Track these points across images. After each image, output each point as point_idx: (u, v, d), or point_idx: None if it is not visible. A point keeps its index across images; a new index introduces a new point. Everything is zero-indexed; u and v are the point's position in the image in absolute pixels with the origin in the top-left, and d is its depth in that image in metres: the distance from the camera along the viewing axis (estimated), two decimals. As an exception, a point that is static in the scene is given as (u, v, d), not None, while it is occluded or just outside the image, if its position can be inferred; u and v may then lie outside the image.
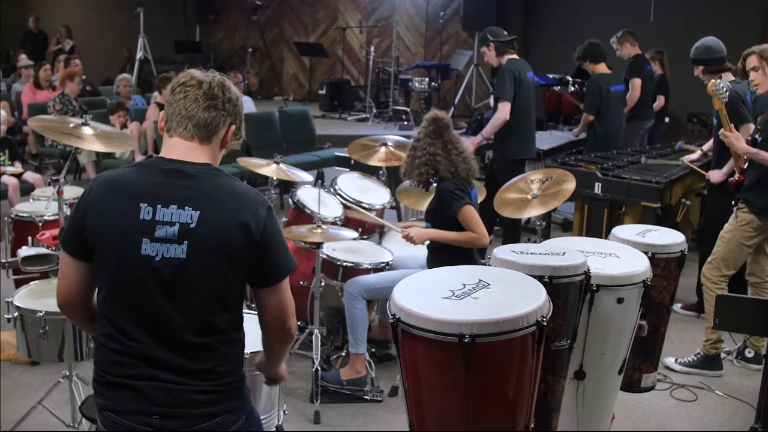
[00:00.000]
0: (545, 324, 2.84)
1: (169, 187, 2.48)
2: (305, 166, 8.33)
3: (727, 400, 5.26)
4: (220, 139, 2.61)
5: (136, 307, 2.47)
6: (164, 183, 2.49)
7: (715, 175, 6.28)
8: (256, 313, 2.70)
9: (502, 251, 3.53)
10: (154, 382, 2.47)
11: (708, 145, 7.01)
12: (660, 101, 10.11)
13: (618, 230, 4.46)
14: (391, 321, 2.84)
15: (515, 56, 7.50)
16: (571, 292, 3.43)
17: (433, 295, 2.92)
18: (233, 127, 2.63)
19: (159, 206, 2.45)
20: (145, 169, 2.55)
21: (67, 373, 4.37)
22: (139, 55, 15.18)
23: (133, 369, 2.48)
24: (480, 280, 3.05)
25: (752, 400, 5.12)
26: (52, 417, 4.44)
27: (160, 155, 2.58)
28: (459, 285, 2.99)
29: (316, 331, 5.10)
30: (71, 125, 4.72)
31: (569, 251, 3.57)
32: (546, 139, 9.13)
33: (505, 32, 7.62)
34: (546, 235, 6.38)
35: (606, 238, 4.81)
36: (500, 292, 2.98)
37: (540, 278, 3.24)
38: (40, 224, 5.48)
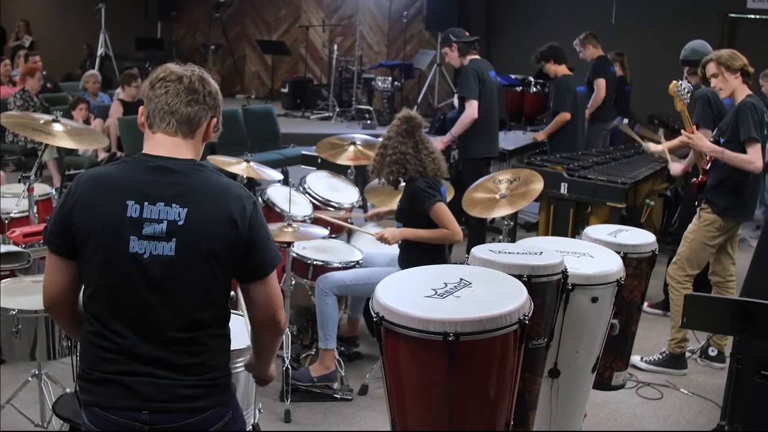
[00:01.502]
0: (527, 322, 2.87)
1: (155, 185, 2.48)
2: (270, 165, 8.28)
3: (692, 398, 5.34)
4: (202, 133, 2.61)
5: (124, 305, 2.47)
6: (151, 180, 2.49)
7: (675, 168, 6.41)
8: (237, 312, 2.71)
9: (480, 251, 3.56)
10: (143, 378, 2.47)
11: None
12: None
13: (590, 230, 4.51)
14: (375, 319, 2.86)
15: (477, 56, 7.55)
16: (549, 291, 3.46)
17: (416, 294, 2.94)
18: (214, 120, 2.63)
19: (146, 204, 2.45)
20: (130, 166, 2.55)
21: (36, 372, 4.33)
22: (99, 51, 15.03)
23: (122, 365, 2.48)
24: (461, 279, 3.07)
25: (716, 397, 5.22)
26: (21, 416, 4.40)
27: (144, 152, 2.57)
28: (441, 284, 3.01)
29: (286, 329, 5.10)
30: (42, 122, 4.68)
31: (546, 251, 3.61)
32: (510, 139, 9.19)
33: (467, 33, 7.67)
34: (512, 236, 6.44)
35: (572, 238, 4.86)
36: (482, 291, 3.00)
37: (519, 277, 3.26)
38: (7, 221, 5.41)
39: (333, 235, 6.12)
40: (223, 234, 2.48)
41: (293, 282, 5.28)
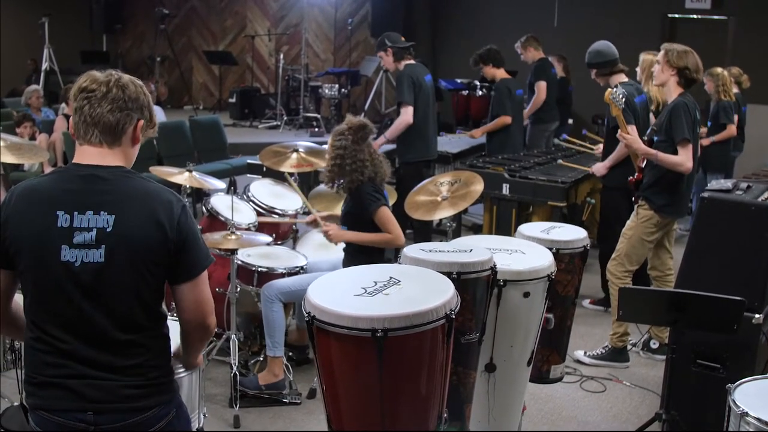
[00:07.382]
0: (454, 317, 2.94)
1: (84, 193, 2.53)
2: (217, 174, 8.29)
3: (634, 389, 5.45)
4: (129, 138, 2.65)
5: (61, 311, 2.54)
6: (80, 189, 2.54)
7: (598, 169, 6.57)
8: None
9: (411, 250, 3.64)
10: (85, 380, 2.54)
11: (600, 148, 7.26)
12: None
13: (523, 228, 4.60)
14: (306, 319, 2.92)
15: (412, 61, 7.57)
16: (478, 286, 3.54)
17: (346, 293, 3.01)
18: (141, 122, 2.66)
19: (76, 213, 2.51)
20: (60, 176, 2.61)
21: (-20, 386, 4.33)
22: (44, 66, 14.88)
23: (64, 369, 2.55)
24: (391, 278, 3.14)
25: (657, 388, 5.33)
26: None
27: (74, 161, 2.62)
28: (371, 282, 3.09)
29: (233, 336, 5.13)
30: (-18, 138, 4.70)
31: (476, 248, 3.69)
32: (455, 143, 9.26)
33: (403, 38, 7.70)
34: (456, 237, 6.51)
35: (514, 236, 4.96)
36: (410, 288, 3.08)
37: (448, 274, 3.34)
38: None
39: (278, 242, 6.16)
40: (150, 238, 2.53)
41: (239, 289, 5.31)
